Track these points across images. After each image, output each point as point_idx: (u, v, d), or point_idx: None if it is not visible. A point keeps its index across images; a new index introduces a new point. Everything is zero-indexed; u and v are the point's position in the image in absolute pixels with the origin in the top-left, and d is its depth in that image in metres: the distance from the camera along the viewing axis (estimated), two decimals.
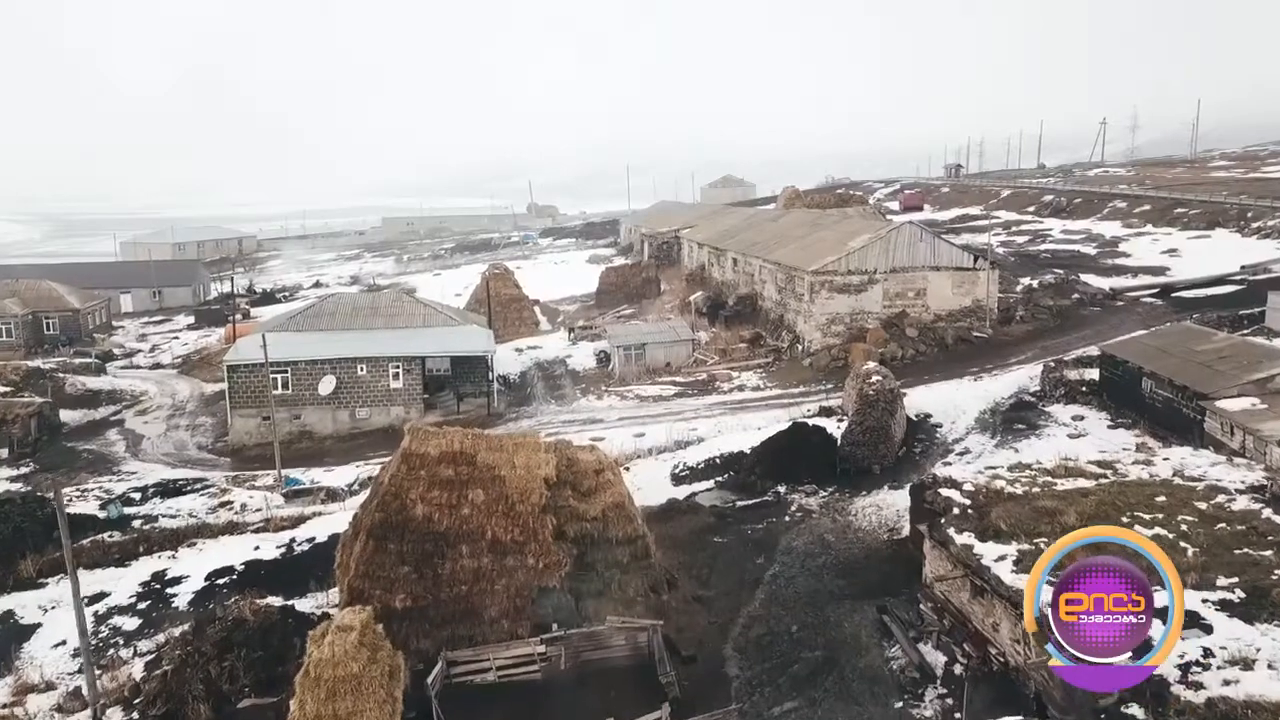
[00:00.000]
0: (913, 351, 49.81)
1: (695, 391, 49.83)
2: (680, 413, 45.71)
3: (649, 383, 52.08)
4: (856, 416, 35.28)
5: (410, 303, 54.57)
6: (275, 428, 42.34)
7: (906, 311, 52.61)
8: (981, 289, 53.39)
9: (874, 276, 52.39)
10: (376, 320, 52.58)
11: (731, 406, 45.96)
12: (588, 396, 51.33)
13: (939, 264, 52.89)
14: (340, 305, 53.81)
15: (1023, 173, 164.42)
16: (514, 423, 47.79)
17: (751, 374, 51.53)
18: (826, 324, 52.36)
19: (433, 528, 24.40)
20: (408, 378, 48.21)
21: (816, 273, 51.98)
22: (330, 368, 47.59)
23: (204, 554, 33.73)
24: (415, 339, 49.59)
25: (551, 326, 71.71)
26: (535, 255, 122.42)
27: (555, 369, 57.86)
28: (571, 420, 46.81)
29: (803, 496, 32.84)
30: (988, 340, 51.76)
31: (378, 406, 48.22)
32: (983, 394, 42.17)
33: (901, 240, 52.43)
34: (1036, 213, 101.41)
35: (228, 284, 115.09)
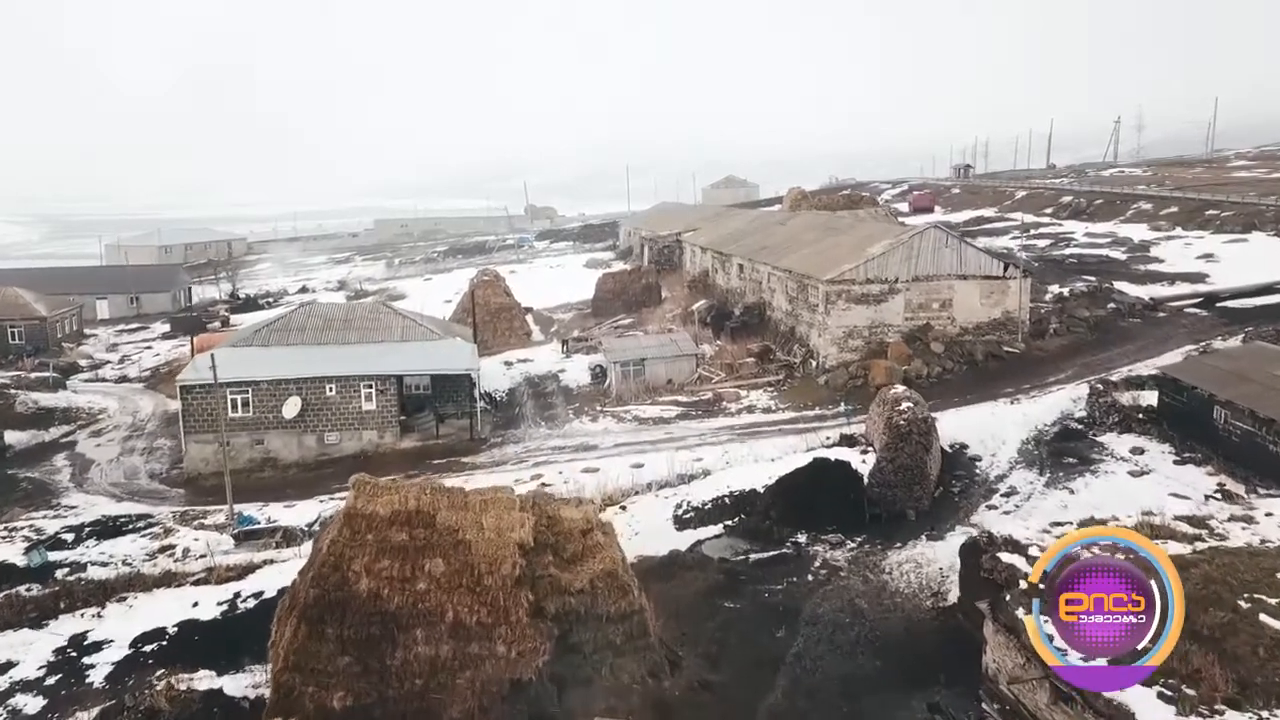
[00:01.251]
0: (939, 369, 45.21)
1: (699, 413, 45.26)
2: (683, 439, 41.14)
3: (648, 402, 47.52)
4: (886, 452, 30.66)
5: (388, 314, 50.03)
6: (228, 456, 37.77)
7: (930, 324, 48.02)
8: (1013, 299, 48.80)
9: (895, 286, 47.83)
10: (350, 334, 48.03)
11: (740, 431, 41.39)
12: (581, 418, 46.76)
13: (966, 272, 48.32)
14: (311, 318, 49.25)
15: (1033, 173, 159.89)
16: (499, 448, 43.25)
17: (761, 393, 46.96)
18: (843, 338, 47.79)
19: (381, 606, 19.83)
20: (382, 398, 43.65)
21: (832, 281, 47.41)
22: (296, 388, 43.03)
23: (134, 612, 29.06)
24: (391, 355, 45.03)
25: (544, 337, 67.14)
26: (531, 259, 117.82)
27: (547, 385, 53.30)
28: (563, 446, 42.25)
29: (827, 548, 28.21)
30: (1020, 356, 47.17)
31: (349, 430, 43.67)
32: (1022, 419, 37.57)
33: (925, 246, 47.86)
34: (1055, 215, 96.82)
35: (211, 289, 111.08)
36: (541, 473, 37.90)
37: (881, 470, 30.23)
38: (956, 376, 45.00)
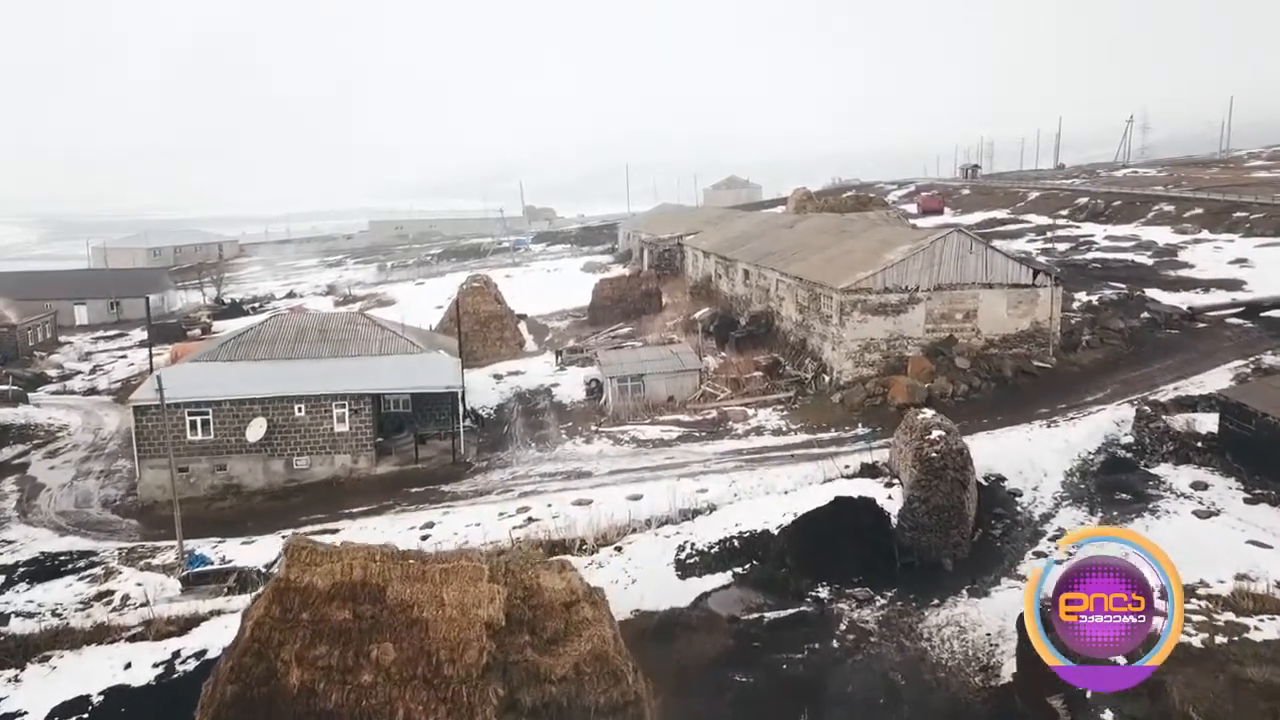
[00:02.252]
0: (965, 386, 41.41)
1: (703, 434, 41.47)
2: (686, 464, 37.35)
3: (648, 421, 43.74)
4: (918, 490, 26.89)
5: (366, 326, 46.23)
6: (177, 486, 34.00)
7: (954, 337, 44.24)
8: (1043, 309, 45.00)
9: (915, 295, 44.03)
10: (324, 348, 44.22)
11: (748, 457, 37.59)
12: (575, 439, 42.97)
13: (992, 280, 44.53)
14: (283, 330, 45.45)
15: (1042, 174, 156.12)
16: (484, 474, 39.46)
17: (770, 412, 43.16)
18: (859, 351, 44.01)
19: (316, 705, 16.12)
20: (356, 419, 39.89)
21: (847, 291, 43.62)
22: (260, 408, 39.27)
23: (57, 674, 25.25)
24: (366, 372, 41.26)
25: (538, 347, 63.35)
26: (527, 262, 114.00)
27: (539, 401, 49.53)
28: (553, 473, 38.46)
29: (853, 605, 24.43)
30: (1052, 371, 43.38)
31: (319, 454, 39.90)
32: (1063, 446, 33.82)
33: (948, 252, 44.09)
34: (1071, 216, 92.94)
35: (195, 294, 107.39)
36: (529, 504, 34.15)
37: (913, 511, 26.46)
38: (984, 395, 41.18)
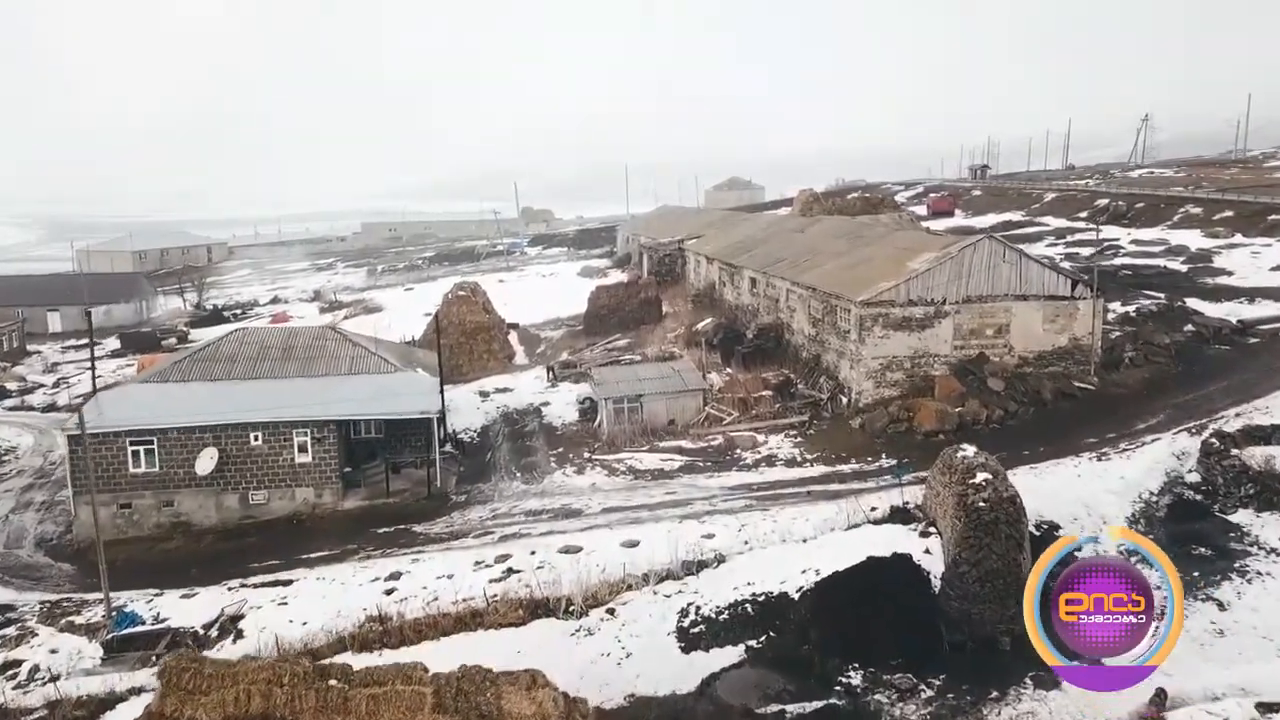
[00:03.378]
0: (1000, 411, 37.18)
1: (708, 464, 37.27)
2: (688, 502, 33.12)
3: (646, 448, 39.55)
4: (966, 551, 22.66)
5: (336, 341, 42.00)
6: (106, 526, 29.84)
7: (985, 354, 40.04)
8: (1082, 323, 40.80)
9: (942, 308, 39.83)
10: (289, 366, 40.04)
11: (760, 493, 33.38)
12: (565, 468, 38.76)
13: (1027, 291, 40.33)
14: (244, 346, 41.22)
15: (1053, 174, 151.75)
16: (462, 510, 35.24)
17: (782, 438, 38.94)
18: (880, 370, 39.79)
19: None
20: (319, 448, 35.68)
21: (868, 304, 39.40)
22: (212, 437, 35.05)
23: None
24: (333, 394, 37.03)
25: (529, 360, 59.09)
26: (522, 266, 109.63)
27: (527, 422, 45.29)
28: (539, 510, 34.22)
29: (893, 698, 20.22)
30: (1095, 393, 39.17)
31: (278, 488, 35.71)
32: (1120, 486, 29.54)
33: (979, 260, 39.87)
34: (1091, 219, 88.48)
35: (176, 299, 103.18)
36: (510, 551, 29.95)
37: (961, 577, 22.24)
38: (1022, 420, 36.95)
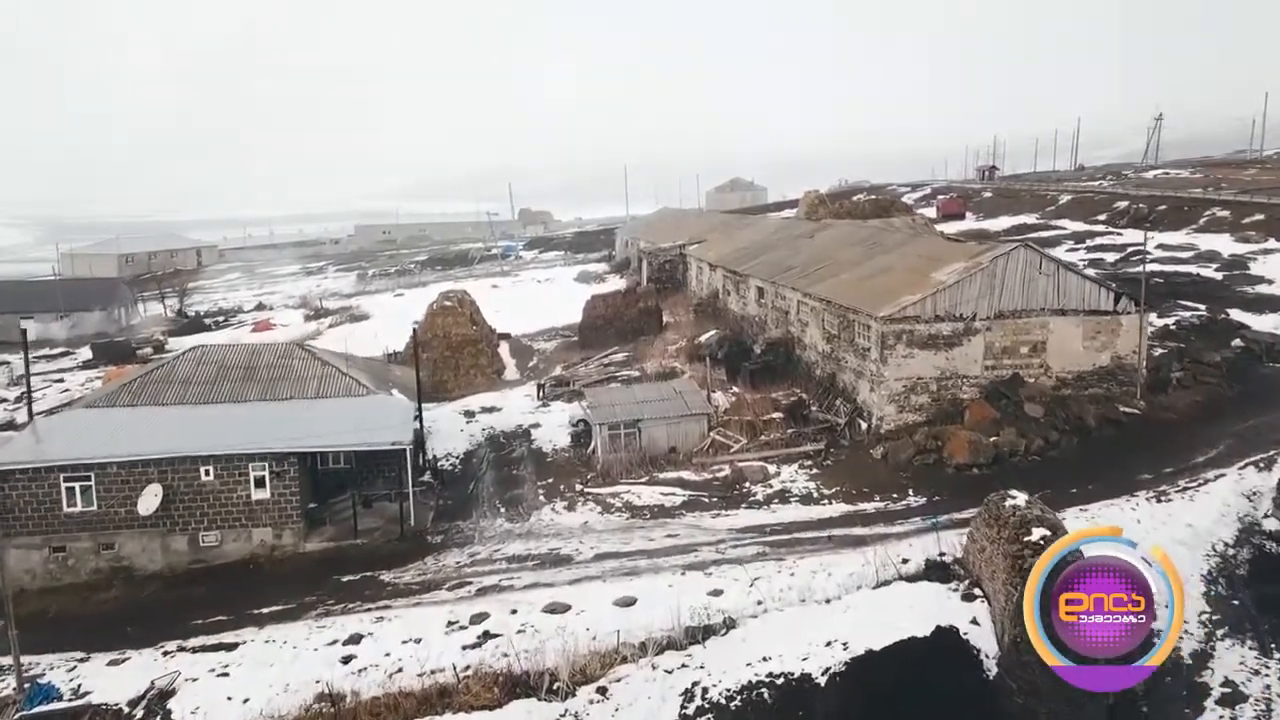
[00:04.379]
0: (1040, 440, 33.34)
1: (714, 499, 33.46)
2: (692, 547, 29.29)
3: (644, 479, 35.72)
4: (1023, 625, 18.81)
5: (304, 360, 38.20)
6: (27, 576, 25.98)
7: (1019, 375, 36.25)
8: (1126, 340, 37.02)
9: (972, 324, 36.04)
10: (249, 388, 36.27)
11: (773, 536, 29.53)
12: (555, 502, 34.93)
13: (1065, 305, 36.54)
14: (202, 367, 37.42)
15: (1064, 175, 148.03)
16: (438, 554, 31.37)
17: (796, 469, 35.12)
18: (903, 393, 35.99)
19: None
20: (279, 483, 31.84)
21: (890, 319, 35.59)
22: (157, 471, 31.21)
23: None
24: (296, 421, 33.23)
25: (520, 374, 55.26)
26: (517, 271, 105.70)
27: (514, 447, 41.46)
28: (524, 555, 30.36)
29: None
30: (1142, 419, 35.39)
31: (233, 528, 31.87)
32: (1188, 535, 25.70)
33: (1013, 271, 36.08)
34: (1110, 222, 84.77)
35: (158, 305, 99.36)
36: (488, 608, 26.12)
37: (1024, 666, 18.36)
38: (1064, 452, 33.12)
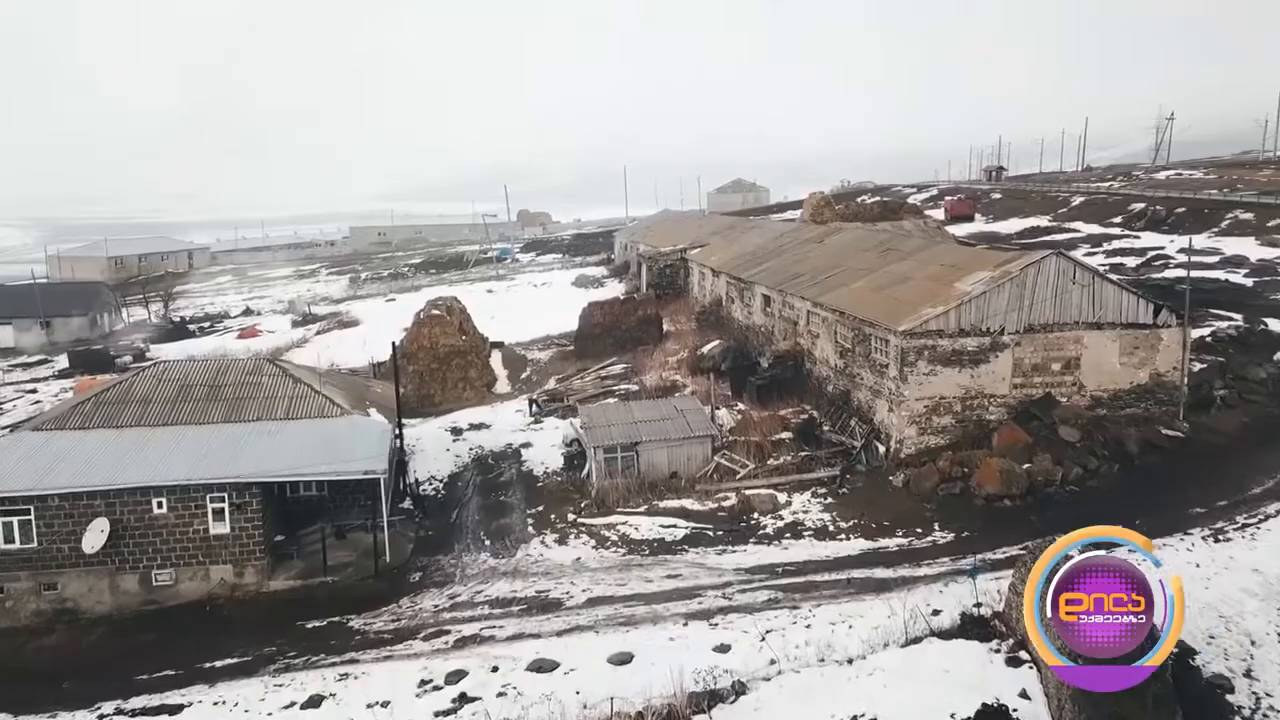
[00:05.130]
0: (1077, 469, 30.36)
1: (720, 532, 30.51)
2: (696, 591, 26.32)
3: (643, 508, 32.75)
4: (1088, 710, 15.88)
5: (274, 377, 35.26)
6: None
7: (1051, 395, 33.31)
8: (1166, 356, 34.09)
9: (1000, 339, 33.11)
10: (214, 409, 33.33)
11: (785, 579, 26.54)
12: (545, 534, 31.97)
13: (1101, 318, 33.59)
14: (162, 385, 34.48)
15: (1072, 176, 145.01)
16: (414, 596, 28.40)
17: (808, 497, 32.16)
18: (925, 414, 33.06)
19: None
20: (239, 516, 28.91)
21: (911, 334, 32.65)
22: (105, 504, 28.28)
23: None
24: (260, 447, 30.30)
25: (512, 387, 52.29)
26: (513, 275, 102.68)
27: (503, 469, 38.53)
28: (509, 598, 27.39)
29: None
30: (1186, 442, 32.39)
31: (189, 565, 28.95)
32: (1256, 583, 22.64)
33: (1045, 281, 33.14)
34: (1126, 225, 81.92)
35: (142, 310, 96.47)
36: (466, 666, 23.13)
37: None
38: (1105, 481, 30.14)
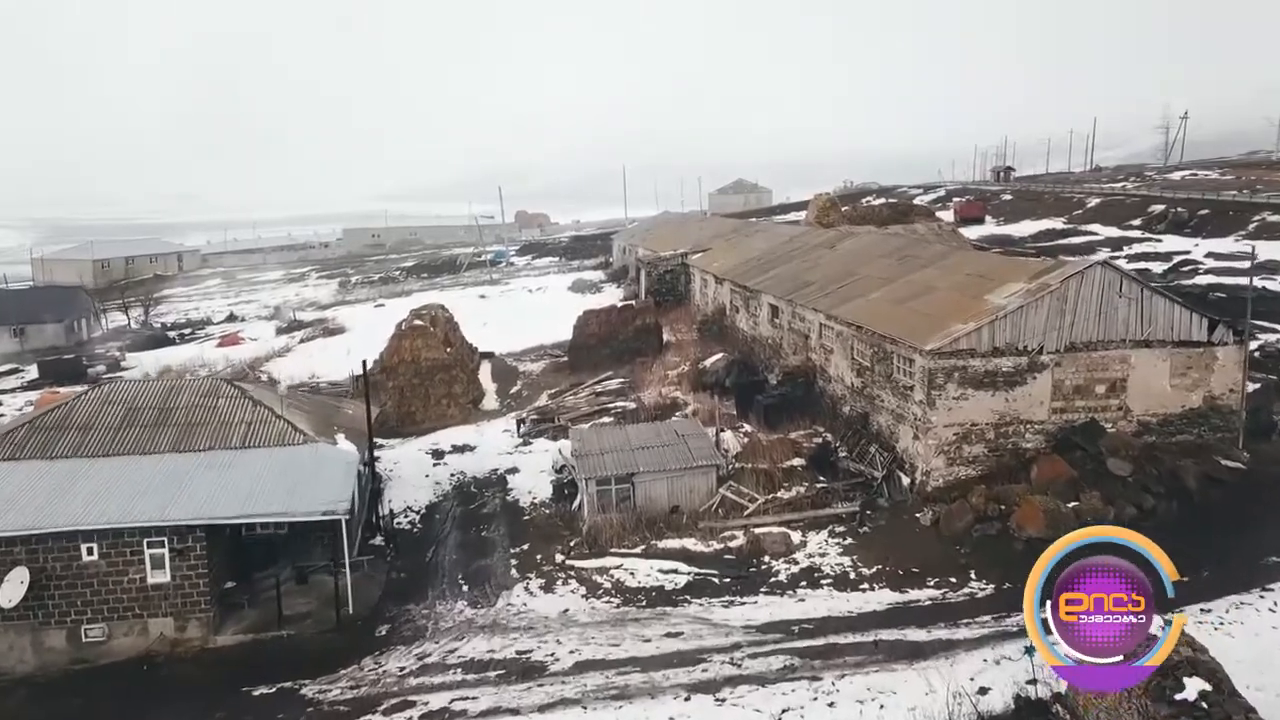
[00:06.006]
0: (1131, 508, 26.91)
1: (726, 579, 27.04)
2: (700, 655, 22.83)
3: (640, 549, 29.28)
4: None
5: (231, 399, 31.79)
6: None
7: (1096, 421, 29.87)
8: (1223, 377, 30.66)
9: (1038, 359, 29.67)
10: (162, 436, 29.91)
11: (803, 641, 23.06)
12: (529, 579, 28.50)
13: (1150, 335, 30.14)
14: (106, 409, 31.03)
15: (1083, 176, 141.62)
16: (379, 654, 24.88)
17: (824, 537, 28.71)
18: (955, 442, 29.62)
19: None
20: (182, 563, 25.49)
21: (939, 354, 29.21)
22: (25, 550, 24.85)
23: None
24: (210, 482, 26.87)
25: (500, 403, 48.83)
26: (508, 279, 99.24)
27: (486, 499, 35.12)
28: (485, 660, 23.88)
29: None
30: (1246, 474, 28.94)
31: (124, 619, 25.53)
32: None
33: (1088, 294, 29.71)
34: (1146, 228, 78.59)
35: (122, 315, 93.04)
36: None
37: None
38: (1162, 521, 26.58)
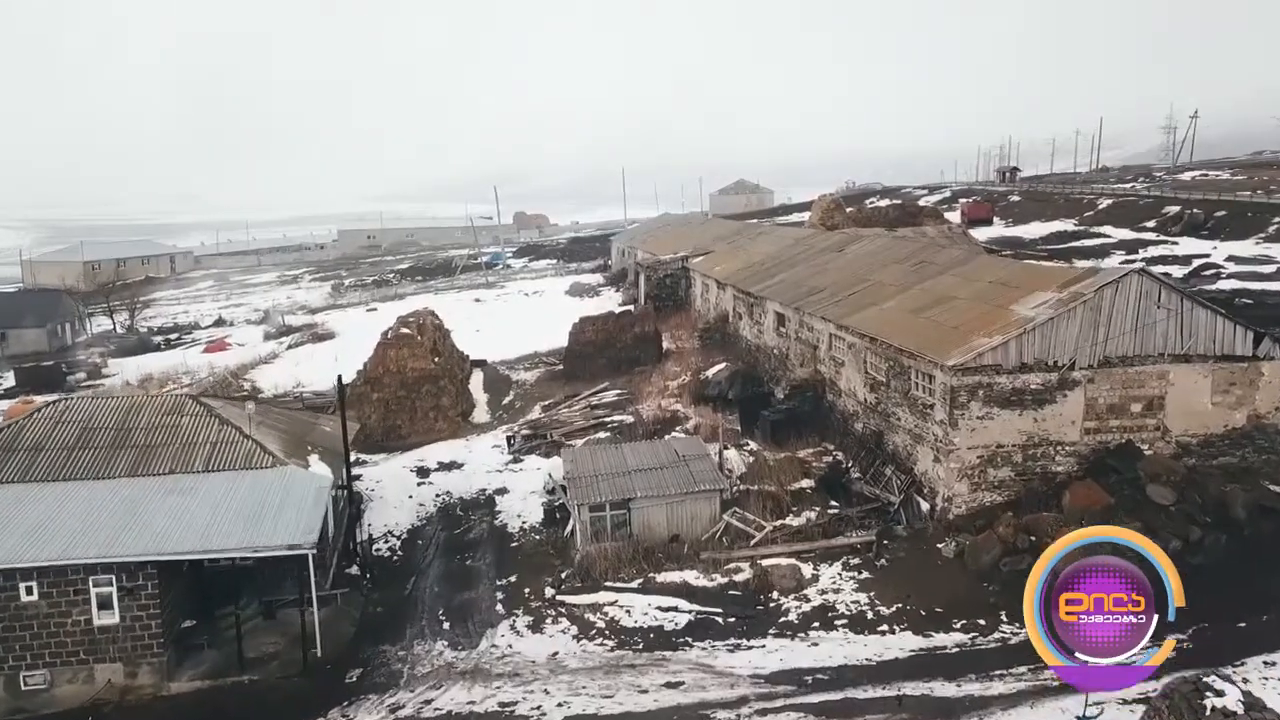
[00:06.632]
0: (1176, 542, 24.49)
1: (731, 618, 24.66)
2: (703, 711, 20.39)
3: (637, 582, 26.88)
4: None
5: (196, 418, 29.42)
6: None
7: (1132, 442, 27.51)
8: (1269, 394, 28.30)
9: (1069, 375, 27.31)
10: (120, 459, 27.57)
11: (817, 696, 20.65)
12: (516, 615, 26.12)
13: (1191, 349, 27.78)
14: (60, 428, 28.67)
15: (1089, 176, 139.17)
16: (345, 707, 22.43)
17: (838, 570, 26.32)
18: (979, 465, 27.27)
19: None
20: (132, 602, 23.16)
21: (961, 370, 26.84)
22: None
23: None
24: (167, 511, 24.53)
25: (491, 415, 46.38)
26: (504, 282, 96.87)
27: (473, 524, 32.75)
28: (463, 715, 21.42)
29: None
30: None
31: (68, 665, 23.18)
32: None
33: (1123, 305, 27.35)
34: (1161, 230, 76.16)
35: (108, 319, 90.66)
36: None
37: None
38: (1210, 556, 24.24)
